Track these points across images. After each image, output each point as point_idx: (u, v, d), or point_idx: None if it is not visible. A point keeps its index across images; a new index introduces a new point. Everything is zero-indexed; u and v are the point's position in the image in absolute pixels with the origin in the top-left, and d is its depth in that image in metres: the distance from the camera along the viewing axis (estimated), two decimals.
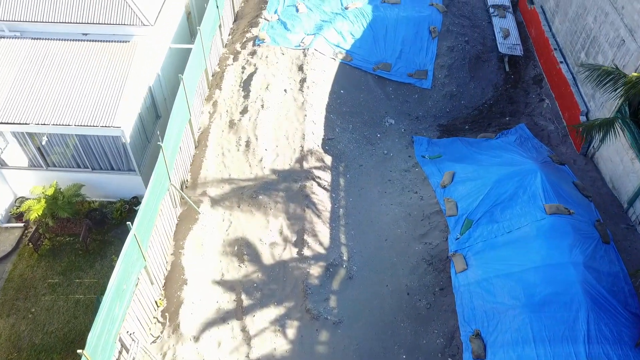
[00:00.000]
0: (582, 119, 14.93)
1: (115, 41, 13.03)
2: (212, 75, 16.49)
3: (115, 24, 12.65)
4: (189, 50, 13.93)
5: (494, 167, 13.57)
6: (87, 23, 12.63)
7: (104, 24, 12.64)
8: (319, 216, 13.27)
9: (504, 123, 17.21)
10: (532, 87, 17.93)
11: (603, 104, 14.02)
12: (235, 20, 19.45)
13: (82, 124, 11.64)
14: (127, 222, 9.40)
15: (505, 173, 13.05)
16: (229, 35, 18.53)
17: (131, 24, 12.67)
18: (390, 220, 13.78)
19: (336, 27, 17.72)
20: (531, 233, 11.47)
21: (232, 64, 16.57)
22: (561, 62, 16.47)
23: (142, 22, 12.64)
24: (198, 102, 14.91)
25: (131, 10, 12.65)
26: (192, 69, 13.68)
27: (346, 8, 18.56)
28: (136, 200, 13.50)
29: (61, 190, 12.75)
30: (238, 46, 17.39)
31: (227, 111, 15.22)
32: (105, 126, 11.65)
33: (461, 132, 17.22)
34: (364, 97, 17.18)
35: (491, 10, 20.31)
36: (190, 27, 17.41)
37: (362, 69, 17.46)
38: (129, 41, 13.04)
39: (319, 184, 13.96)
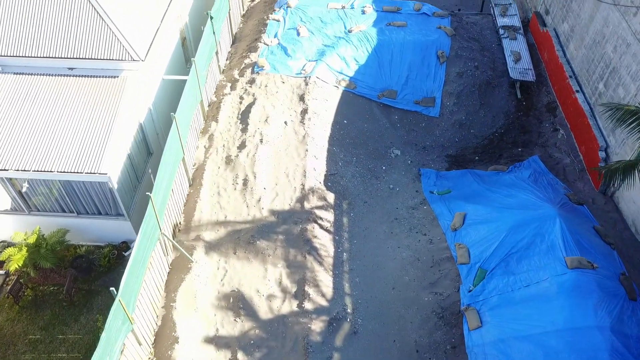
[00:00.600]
0: (601, 154, 14.03)
1: (103, 76, 12.18)
2: (209, 105, 15.64)
3: (104, 59, 11.80)
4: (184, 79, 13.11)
5: (509, 210, 12.67)
6: (73, 58, 11.78)
7: (92, 59, 11.79)
8: (321, 263, 12.38)
9: (516, 154, 16.32)
10: (545, 116, 17.04)
11: (624, 140, 13.12)
12: (233, 43, 18.60)
13: (66, 170, 10.79)
14: (111, 289, 8.54)
15: (522, 218, 12.15)
16: (226, 60, 17.68)
17: (121, 59, 11.83)
18: (397, 265, 12.89)
19: (339, 53, 16.86)
20: (551, 290, 10.57)
21: (229, 93, 15.71)
22: (577, 91, 15.58)
23: (132, 57, 11.80)
24: (193, 137, 14.05)
25: (120, 44, 11.80)
26: (186, 103, 12.83)
27: (349, 31, 17.69)
28: (125, 246, 12.64)
29: (44, 236, 11.90)
30: (236, 73, 16.53)
31: (223, 146, 14.35)
32: (91, 172, 10.79)
33: (471, 163, 16.34)
34: (368, 126, 16.31)
35: (501, 31, 19.43)
36: (186, 53, 16.57)
37: (366, 96, 16.60)
38: (117, 76, 12.19)
39: (321, 226, 13.07)
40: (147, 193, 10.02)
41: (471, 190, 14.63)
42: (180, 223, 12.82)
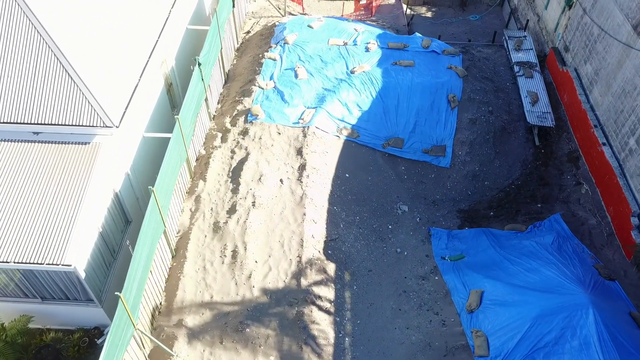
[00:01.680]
0: (634, 221, 12.53)
1: (73, 142, 10.73)
2: (197, 160, 14.19)
3: (72, 125, 10.36)
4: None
5: (533, 293, 11.17)
6: (37, 124, 10.34)
7: (58, 124, 10.34)
8: (319, 354, 10.89)
9: (536, 211, 14.83)
10: (566, 166, 15.55)
11: None
12: (226, 82, 17.16)
13: (24, 261, 9.33)
14: None
15: (549, 305, 10.65)
16: (218, 103, 16.23)
17: (92, 125, 10.39)
18: (406, 352, 11.39)
19: (340, 98, 15.40)
20: None
21: (220, 146, 14.25)
22: (603, 144, 14.09)
23: (104, 123, 10.35)
24: (177, 200, 12.60)
25: (92, 108, 10.36)
26: (169, 165, 11.39)
27: (352, 72, 16.24)
28: (98, 332, 11.17)
29: (4, 325, 10.45)
30: (228, 121, 15.08)
31: (211, 209, 12.89)
32: (53, 264, 9.34)
33: (485, 219, 14.86)
34: (372, 179, 14.85)
35: (516, 68, 17.96)
36: (173, 100, 15.13)
37: (369, 146, 15.14)
38: (89, 142, 10.75)
39: (320, 308, 11.59)
40: (116, 293, 8.55)
41: (487, 257, 13.15)
42: (160, 304, 11.36)
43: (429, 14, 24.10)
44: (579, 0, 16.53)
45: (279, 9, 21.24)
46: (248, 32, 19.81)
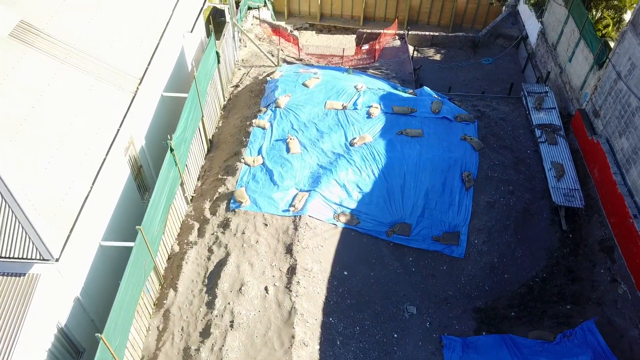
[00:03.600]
0: None
1: (8, 274, 8.73)
2: (168, 258, 12.15)
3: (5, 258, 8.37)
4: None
5: None
6: None
7: None
8: None
9: (565, 313, 12.74)
10: (599, 257, 13.44)
11: None
12: (208, 151, 15.14)
13: None
14: None
15: None
16: (198, 180, 14.22)
17: (28, 257, 8.38)
18: None
19: (338, 178, 13.36)
20: None
21: (195, 242, 12.22)
22: None
23: (42, 255, 8.34)
24: (142, 318, 10.57)
25: (28, 238, 8.35)
26: (130, 283, 9.40)
27: (351, 144, 14.21)
28: None
29: None
30: (207, 206, 13.06)
31: (182, 329, 10.84)
32: None
33: (506, 322, 12.78)
34: (375, 275, 12.80)
35: (537, 133, 15.88)
36: (143, 183, 13.09)
37: (372, 234, 13.09)
38: (26, 273, 8.74)
39: None
40: None
41: None
42: None
43: (437, 57, 22.06)
44: (612, 62, 14.46)
45: (272, 55, 19.25)
46: (237, 85, 17.82)
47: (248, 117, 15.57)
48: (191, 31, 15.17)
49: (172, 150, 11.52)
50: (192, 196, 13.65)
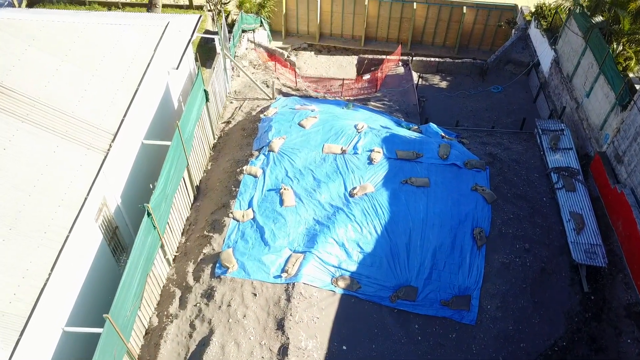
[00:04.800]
0: None
1: None
2: (146, 333, 10.85)
3: None
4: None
5: None
6: None
7: None
8: None
9: None
10: (625, 323, 12.15)
11: None
12: (195, 199, 13.86)
13: None
14: None
15: None
16: (182, 235, 12.95)
17: None
18: None
19: (336, 236, 12.07)
20: None
21: (176, 316, 10.92)
22: None
23: None
24: None
25: None
26: None
27: (352, 195, 12.92)
28: None
29: None
30: (190, 270, 11.78)
31: None
32: None
33: None
34: (377, 347, 11.50)
35: (554, 177, 14.58)
36: (120, 246, 11.78)
37: (374, 300, 11.80)
38: None
39: None
40: None
41: None
42: None
43: (443, 84, 20.76)
44: (637, 104, 13.18)
45: (267, 86, 17.96)
46: (228, 121, 16.54)
47: (239, 161, 14.29)
48: (177, 68, 13.91)
49: (149, 214, 10.24)
50: (175, 255, 12.38)
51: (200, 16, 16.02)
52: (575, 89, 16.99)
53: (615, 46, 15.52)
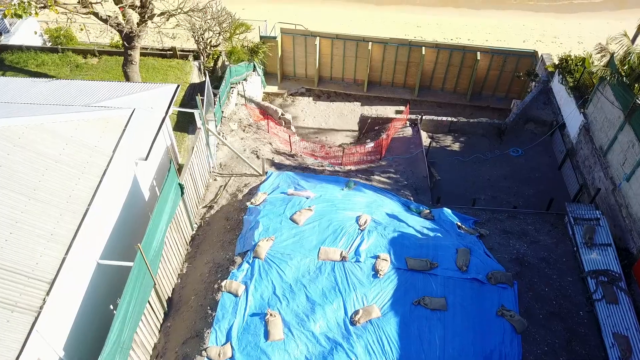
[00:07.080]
0: None
1: None
2: None
3: None
4: None
5: None
6: None
7: None
8: None
9: None
10: None
11: None
12: (166, 316, 11.63)
13: None
14: None
15: None
16: (153, 349, 10.73)
17: None
18: None
19: None
20: None
21: None
22: None
23: None
24: None
25: None
26: None
27: (353, 322, 10.68)
28: None
29: None
30: None
31: None
32: None
33: None
34: None
35: (591, 286, 12.34)
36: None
37: None
38: None
39: None
40: None
41: None
42: None
43: (456, 146, 18.52)
44: None
45: (257, 157, 15.75)
46: (210, 206, 14.31)
47: (220, 266, 12.09)
48: (146, 159, 11.72)
49: None
50: None
51: (178, 86, 13.85)
52: (610, 167, 14.75)
53: None
